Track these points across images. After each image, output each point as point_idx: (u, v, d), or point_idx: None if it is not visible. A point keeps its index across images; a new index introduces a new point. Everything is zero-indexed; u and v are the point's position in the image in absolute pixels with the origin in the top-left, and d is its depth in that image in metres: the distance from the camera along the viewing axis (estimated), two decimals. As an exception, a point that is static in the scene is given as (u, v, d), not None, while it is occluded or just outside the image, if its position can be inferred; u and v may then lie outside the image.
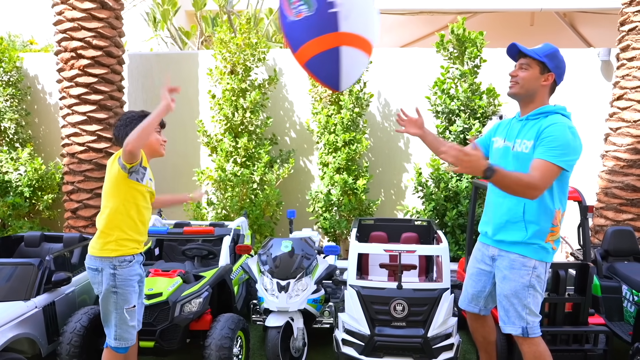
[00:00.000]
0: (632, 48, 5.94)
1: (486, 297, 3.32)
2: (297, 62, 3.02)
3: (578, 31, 11.99)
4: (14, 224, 6.85)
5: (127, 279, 3.04)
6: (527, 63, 2.94)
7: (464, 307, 3.43)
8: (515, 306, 2.98)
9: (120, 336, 3.09)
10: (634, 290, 4.15)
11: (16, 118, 7.33)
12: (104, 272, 3.01)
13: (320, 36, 2.75)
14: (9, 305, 3.58)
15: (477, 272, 3.31)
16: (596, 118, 7.02)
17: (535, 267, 2.95)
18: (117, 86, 6.69)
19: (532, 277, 2.95)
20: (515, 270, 2.98)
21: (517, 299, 2.97)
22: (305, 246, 4.29)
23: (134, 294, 3.12)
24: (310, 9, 2.69)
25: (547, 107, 2.94)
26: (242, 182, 6.51)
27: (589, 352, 3.65)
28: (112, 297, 3.03)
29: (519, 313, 2.98)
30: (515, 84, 2.98)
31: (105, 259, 3.01)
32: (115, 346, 3.10)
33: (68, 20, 6.29)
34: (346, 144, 6.57)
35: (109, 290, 3.02)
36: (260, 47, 6.79)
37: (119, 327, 3.08)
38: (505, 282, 3.03)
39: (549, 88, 2.97)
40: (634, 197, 5.94)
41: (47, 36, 12.00)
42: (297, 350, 4.09)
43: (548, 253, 2.97)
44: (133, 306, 3.11)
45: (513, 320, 3.01)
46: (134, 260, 3.10)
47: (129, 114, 3.18)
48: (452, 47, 6.28)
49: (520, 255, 2.96)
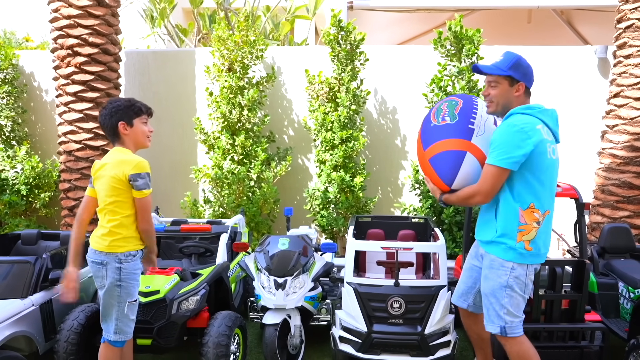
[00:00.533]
0: (629, 45, 5.94)
1: (475, 293, 3.34)
2: (421, 160, 3.27)
3: (575, 28, 12.01)
4: (11, 222, 6.84)
5: (131, 272, 3.06)
6: (494, 80, 3.00)
7: (455, 302, 3.47)
8: (493, 305, 3.01)
9: (120, 329, 3.09)
10: (630, 287, 4.17)
11: (12, 116, 7.31)
12: (109, 266, 3.01)
13: (454, 139, 3.06)
14: (6, 303, 3.58)
15: (470, 268, 3.35)
16: (593, 115, 7.04)
17: (513, 268, 2.95)
18: (114, 84, 6.68)
19: (510, 278, 2.94)
20: (494, 270, 3.01)
21: (495, 298, 3.00)
22: (303, 244, 4.29)
23: (137, 288, 3.14)
24: (452, 120, 3.09)
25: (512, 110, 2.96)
26: (239, 179, 6.50)
27: (585, 349, 3.66)
28: (116, 291, 3.03)
29: (497, 312, 3.00)
30: (490, 102, 3.05)
31: (111, 254, 3.01)
32: (114, 340, 3.10)
33: (64, 18, 6.27)
34: (343, 142, 6.57)
35: (113, 284, 3.02)
36: (258, 45, 6.78)
37: (119, 321, 3.08)
38: (485, 281, 3.07)
39: (523, 95, 3.00)
40: (631, 195, 5.96)
41: (42, 33, 11.97)
42: (294, 347, 4.10)
43: (522, 255, 2.92)
44: (135, 300, 3.12)
45: (492, 319, 3.04)
46: (138, 255, 3.12)
47: (115, 103, 3.10)
48: (450, 44, 6.28)
49: (497, 256, 2.99)
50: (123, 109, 3.07)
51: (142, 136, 3.15)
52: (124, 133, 3.09)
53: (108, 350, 3.14)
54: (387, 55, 7.33)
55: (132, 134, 3.11)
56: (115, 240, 3.02)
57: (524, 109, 2.92)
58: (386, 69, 7.34)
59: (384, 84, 7.36)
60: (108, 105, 3.10)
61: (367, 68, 7.08)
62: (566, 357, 3.65)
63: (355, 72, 6.63)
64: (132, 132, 3.10)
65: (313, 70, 7.08)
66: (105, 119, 3.08)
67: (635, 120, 5.90)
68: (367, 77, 7.22)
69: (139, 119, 3.13)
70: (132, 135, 3.11)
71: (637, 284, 4.09)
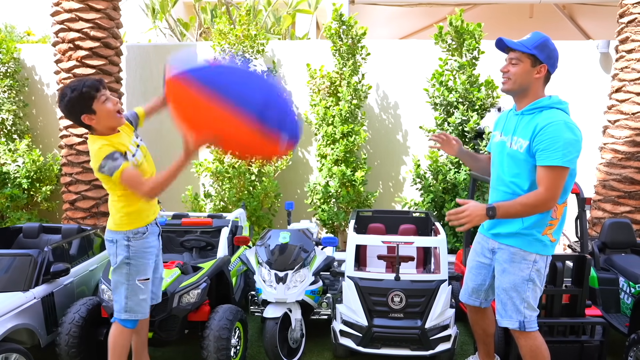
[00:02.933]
0: (632, 40, 5.93)
1: (487, 289, 3.32)
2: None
3: (577, 23, 11.98)
4: (12, 216, 6.85)
5: (141, 250, 3.06)
6: (517, 57, 2.86)
7: (465, 301, 3.43)
8: (513, 300, 2.98)
9: (131, 308, 3.07)
10: (630, 282, 4.17)
11: (14, 109, 7.31)
12: (118, 244, 3.03)
13: None
14: (8, 296, 3.59)
15: (477, 265, 3.31)
16: (594, 110, 7.02)
17: (535, 261, 2.94)
18: (115, 78, 6.67)
19: (532, 271, 2.94)
20: (515, 263, 2.97)
21: (516, 292, 2.97)
22: (304, 238, 4.29)
23: (149, 267, 3.12)
24: None
25: (541, 101, 2.87)
26: (240, 173, 6.51)
27: (585, 344, 3.66)
28: (125, 268, 3.03)
29: (517, 307, 2.98)
30: (507, 80, 2.92)
31: (119, 232, 3.03)
32: (124, 318, 3.08)
33: (65, 11, 6.26)
34: (344, 136, 6.56)
35: (122, 262, 3.03)
36: (259, 39, 6.77)
37: (129, 299, 3.06)
38: (504, 275, 3.02)
39: (543, 79, 2.89)
40: (632, 190, 5.95)
41: (44, 27, 11.95)
42: (295, 341, 4.11)
43: (546, 246, 2.94)
44: (147, 278, 3.10)
45: (510, 314, 3.01)
46: (148, 232, 3.11)
47: (65, 99, 2.84)
48: (451, 39, 6.26)
49: (521, 249, 2.95)
50: (76, 102, 2.84)
51: (110, 117, 2.93)
52: (92, 123, 2.92)
53: (117, 330, 3.13)
54: (388, 49, 7.31)
55: (100, 120, 2.91)
56: (120, 218, 3.04)
57: (557, 104, 2.85)
58: (387, 64, 7.32)
59: (385, 78, 7.35)
60: (60, 102, 2.87)
61: (369, 62, 7.07)
62: (566, 351, 3.66)
63: (357, 67, 6.62)
64: (99, 118, 2.90)
65: (314, 64, 7.06)
66: (67, 116, 2.92)
67: (637, 115, 5.88)
68: (369, 71, 7.21)
69: (97, 102, 2.87)
70: (100, 121, 2.91)
71: (638, 279, 4.09)
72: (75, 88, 2.83)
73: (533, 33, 2.89)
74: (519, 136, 2.90)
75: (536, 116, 2.85)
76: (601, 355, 3.67)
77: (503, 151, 3.03)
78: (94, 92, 2.86)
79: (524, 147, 2.84)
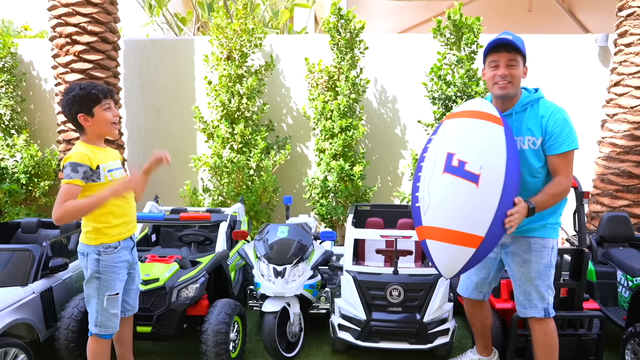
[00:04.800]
0: (630, 34, 5.92)
1: (490, 282, 3.36)
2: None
3: (576, 17, 11.95)
4: (11, 211, 6.84)
5: (111, 265, 2.99)
6: (515, 59, 2.83)
7: (468, 296, 3.45)
8: (539, 288, 3.02)
9: (101, 323, 3.04)
10: (628, 275, 4.18)
11: (11, 104, 7.28)
12: (89, 257, 2.97)
13: (415, 227, 2.84)
14: (7, 290, 3.59)
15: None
16: (593, 104, 7.02)
17: (553, 246, 3.03)
18: (113, 72, 6.65)
19: (552, 257, 3.03)
20: (536, 252, 3.01)
21: (541, 280, 3.02)
22: (302, 232, 4.30)
23: (118, 282, 3.06)
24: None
25: (528, 97, 2.93)
26: (239, 168, 6.50)
27: (583, 337, 3.67)
28: (95, 283, 2.98)
29: (542, 294, 3.03)
30: (508, 83, 2.84)
31: (89, 245, 2.98)
32: (97, 333, 3.06)
33: (62, 5, 6.23)
34: (343, 130, 6.56)
35: (92, 276, 2.98)
36: (256, 33, 6.75)
37: (100, 314, 3.02)
38: (526, 265, 3.03)
39: None
40: (630, 184, 5.96)
41: (41, 22, 11.90)
42: (293, 335, 4.12)
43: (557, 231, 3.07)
44: (116, 293, 3.04)
45: (535, 303, 3.04)
46: (120, 247, 3.05)
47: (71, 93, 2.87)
48: (449, 32, 6.25)
49: (540, 237, 3.00)
50: (80, 99, 2.85)
51: (105, 125, 2.94)
52: (85, 124, 2.91)
53: (93, 343, 3.09)
54: (386, 43, 7.30)
55: (94, 125, 2.91)
56: (88, 232, 2.99)
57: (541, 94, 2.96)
58: (386, 58, 7.31)
59: (383, 72, 7.33)
60: (65, 95, 2.89)
61: (367, 57, 7.05)
62: (564, 345, 3.66)
63: (355, 61, 6.61)
64: (94, 122, 2.90)
65: (312, 58, 7.05)
66: (65, 110, 2.91)
67: (636, 109, 5.88)
68: (367, 65, 7.20)
69: (100, 107, 2.90)
70: (94, 125, 2.91)
71: (636, 272, 4.11)
72: (85, 87, 2.87)
73: (506, 32, 2.87)
74: (527, 135, 2.91)
75: (532, 110, 2.89)
76: (599, 348, 3.69)
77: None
78: (101, 96, 2.90)
79: (538, 144, 2.88)
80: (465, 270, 2.67)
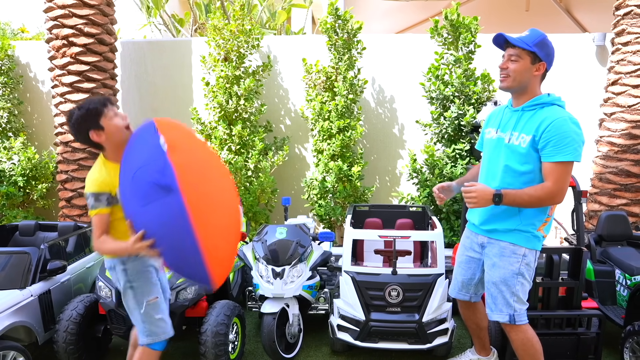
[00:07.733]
0: (627, 32, 5.93)
1: (476, 284, 3.35)
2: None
3: (573, 16, 11.96)
4: (8, 214, 6.83)
5: (140, 271, 2.91)
6: (516, 54, 2.86)
7: (455, 295, 3.46)
8: (503, 293, 3.01)
9: (150, 331, 2.93)
10: (626, 274, 4.18)
11: (8, 107, 7.27)
12: (117, 270, 2.90)
13: None
14: (5, 293, 3.59)
15: (467, 260, 3.33)
16: (591, 103, 7.02)
17: (525, 254, 2.97)
18: (110, 74, 6.64)
19: (522, 265, 2.97)
20: (505, 257, 2.99)
21: (506, 286, 2.99)
22: (300, 233, 4.29)
23: (153, 286, 2.95)
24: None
25: (541, 98, 2.90)
26: (237, 169, 6.50)
27: (582, 336, 3.68)
28: (130, 293, 2.90)
29: (507, 300, 3.00)
30: (506, 77, 2.90)
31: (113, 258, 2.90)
32: (149, 343, 2.94)
33: (59, 7, 6.22)
34: (341, 131, 6.56)
35: (126, 287, 2.90)
36: (254, 34, 6.75)
37: (145, 322, 2.92)
38: (494, 269, 3.05)
39: (541, 77, 2.93)
40: (628, 183, 5.96)
41: (38, 24, 11.89)
42: (292, 336, 4.12)
43: (539, 241, 2.99)
44: (155, 297, 2.94)
45: (500, 308, 3.03)
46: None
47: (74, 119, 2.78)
48: (447, 32, 6.25)
49: (511, 243, 2.98)
50: (83, 120, 2.76)
51: (118, 133, 2.82)
52: (100, 140, 2.81)
53: (144, 355, 2.96)
54: (384, 44, 7.30)
55: (109, 136, 2.81)
56: None
57: (557, 101, 2.90)
58: (383, 58, 7.31)
59: (381, 72, 7.33)
60: (69, 124, 2.80)
61: (365, 57, 7.05)
62: (563, 343, 3.67)
63: (353, 61, 6.61)
64: (107, 134, 2.79)
65: (310, 59, 7.04)
66: (77, 137, 2.82)
67: (633, 107, 5.89)
68: (365, 66, 7.20)
69: (105, 118, 2.78)
70: (108, 137, 2.81)
71: (634, 271, 4.11)
72: (82, 106, 2.77)
73: (531, 30, 2.89)
74: (520, 132, 2.91)
75: (538, 112, 2.88)
76: (597, 347, 3.70)
77: (499, 147, 3.02)
78: (101, 108, 2.78)
79: (527, 141, 2.86)
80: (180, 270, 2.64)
